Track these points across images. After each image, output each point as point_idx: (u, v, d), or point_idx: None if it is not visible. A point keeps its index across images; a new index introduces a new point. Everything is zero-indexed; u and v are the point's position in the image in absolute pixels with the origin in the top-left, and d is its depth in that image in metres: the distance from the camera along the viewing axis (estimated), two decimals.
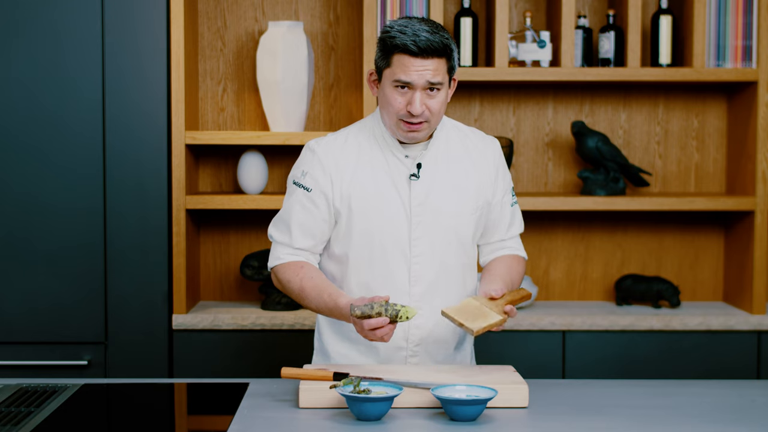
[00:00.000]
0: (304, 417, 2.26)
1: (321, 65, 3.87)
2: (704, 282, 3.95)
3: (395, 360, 2.58)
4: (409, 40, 2.39)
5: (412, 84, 2.41)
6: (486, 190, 2.59)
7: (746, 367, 3.59)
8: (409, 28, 2.41)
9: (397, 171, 2.53)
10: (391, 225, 2.51)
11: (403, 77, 2.41)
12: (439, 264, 2.55)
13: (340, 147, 2.56)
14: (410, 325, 2.55)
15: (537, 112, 3.91)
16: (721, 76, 3.61)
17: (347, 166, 2.53)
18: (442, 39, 2.41)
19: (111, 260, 3.50)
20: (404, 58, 2.41)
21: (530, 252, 3.91)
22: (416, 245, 2.53)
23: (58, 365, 3.48)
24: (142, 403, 2.50)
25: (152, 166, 3.50)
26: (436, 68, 2.41)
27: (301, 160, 2.59)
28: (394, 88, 2.44)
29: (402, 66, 2.41)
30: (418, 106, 2.42)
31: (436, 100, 2.44)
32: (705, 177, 3.93)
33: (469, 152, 2.60)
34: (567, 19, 3.60)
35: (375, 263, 2.53)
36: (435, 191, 2.53)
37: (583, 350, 3.58)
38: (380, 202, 2.52)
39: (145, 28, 3.47)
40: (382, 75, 2.47)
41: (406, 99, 2.43)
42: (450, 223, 2.54)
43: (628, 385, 2.61)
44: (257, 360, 3.54)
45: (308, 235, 2.56)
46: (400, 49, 2.40)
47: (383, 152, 2.54)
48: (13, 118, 3.47)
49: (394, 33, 2.41)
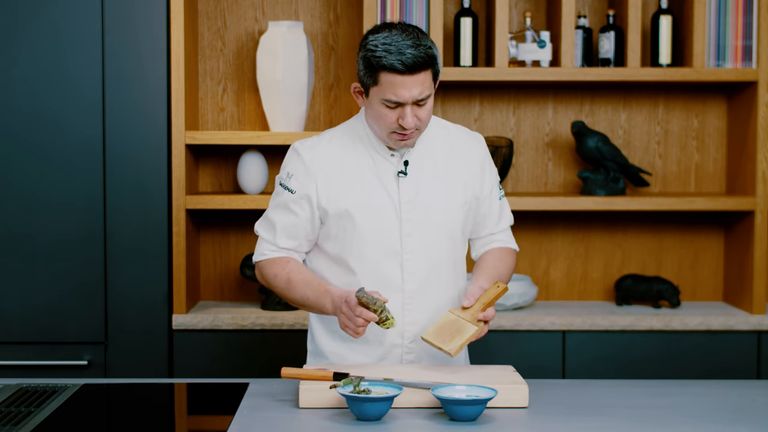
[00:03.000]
0: (304, 417, 2.26)
1: (321, 65, 3.87)
2: (704, 282, 3.95)
3: (391, 357, 2.59)
4: (396, 60, 2.38)
5: (403, 102, 2.42)
6: (473, 185, 2.62)
7: (746, 367, 3.59)
8: (393, 46, 2.39)
9: (384, 169, 2.55)
10: (381, 223, 2.53)
11: (393, 98, 2.41)
12: (430, 260, 2.56)
13: (324, 148, 2.57)
14: (405, 322, 2.56)
15: (537, 112, 3.91)
16: (721, 76, 3.61)
17: (332, 167, 2.55)
18: (426, 51, 2.40)
19: (111, 260, 3.50)
20: (392, 77, 2.40)
21: (530, 252, 3.91)
22: (408, 242, 2.54)
23: (58, 365, 3.48)
24: (142, 403, 2.50)
25: (152, 165, 3.50)
26: (424, 81, 2.42)
27: (287, 161, 2.60)
28: (383, 106, 2.44)
29: (391, 85, 2.40)
30: (410, 120, 2.43)
31: (425, 110, 2.45)
32: (705, 177, 3.93)
33: (455, 148, 2.62)
34: (567, 19, 3.60)
35: (368, 261, 2.54)
36: (424, 187, 2.55)
37: (583, 350, 3.58)
38: (369, 200, 2.53)
39: (145, 28, 3.47)
40: (369, 91, 2.46)
41: (397, 114, 2.44)
42: (440, 218, 2.56)
43: (628, 385, 2.61)
44: (257, 360, 3.54)
45: (292, 236, 2.59)
46: (387, 68, 2.39)
47: (369, 152, 2.56)
48: (14, 117, 3.47)
49: (379, 53, 2.39)
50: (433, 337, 2.44)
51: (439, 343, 2.42)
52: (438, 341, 2.42)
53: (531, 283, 3.72)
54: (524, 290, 3.66)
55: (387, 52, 2.39)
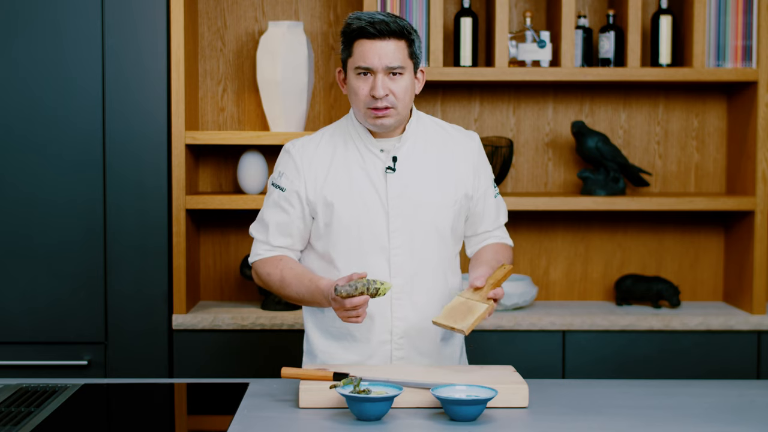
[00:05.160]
0: (304, 417, 2.26)
1: (321, 65, 3.87)
2: (704, 282, 3.95)
3: (380, 354, 2.59)
4: (365, 23, 2.47)
5: (373, 68, 2.47)
6: (465, 183, 2.63)
7: (746, 367, 3.59)
8: (365, 14, 2.49)
9: (372, 165, 2.57)
10: (368, 218, 2.55)
11: (363, 63, 2.47)
12: (419, 256, 2.58)
13: (314, 147, 2.62)
14: (393, 317, 2.57)
15: (537, 112, 3.91)
16: (721, 76, 3.61)
17: (322, 165, 2.58)
18: (399, 22, 2.49)
19: (111, 260, 3.50)
20: (363, 43, 2.47)
21: (530, 252, 3.91)
22: (395, 237, 2.55)
23: (58, 365, 3.48)
24: (142, 403, 2.50)
25: (152, 165, 3.50)
26: (395, 50, 2.47)
27: (279, 161, 2.66)
28: (357, 77, 2.50)
29: (361, 52, 2.48)
30: (380, 88, 2.47)
31: (398, 85, 2.49)
32: (705, 177, 3.93)
33: (448, 146, 2.64)
34: (567, 19, 3.60)
35: (355, 257, 2.56)
36: (412, 183, 2.57)
37: (583, 350, 3.58)
38: (356, 196, 2.55)
39: (145, 28, 3.47)
40: (347, 66, 2.54)
41: (369, 85, 2.49)
42: (428, 214, 2.57)
43: (628, 385, 2.61)
44: (257, 360, 3.54)
45: (285, 234, 2.61)
46: (358, 33, 2.48)
47: (358, 148, 2.59)
48: (14, 117, 3.47)
49: (351, 20, 2.50)
50: (444, 319, 2.43)
51: (451, 324, 2.41)
52: (450, 322, 2.41)
53: (531, 283, 3.72)
54: (524, 290, 3.66)
55: (358, 19, 2.49)
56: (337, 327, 2.62)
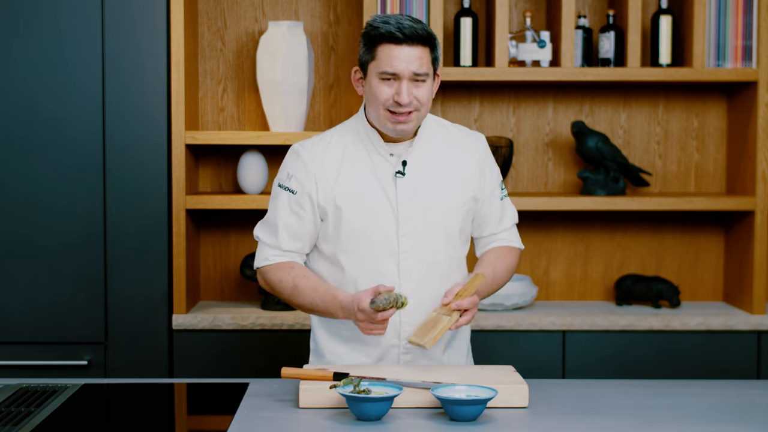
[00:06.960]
0: (304, 417, 2.26)
1: (321, 65, 3.87)
2: (704, 282, 3.95)
3: (389, 357, 2.59)
4: (394, 28, 2.42)
5: (399, 74, 2.43)
6: (472, 185, 2.61)
7: (746, 367, 3.59)
8: (392, 19, 2.45)
9: (382, 169, 2.55)
10: (378, 222, 2.53)
11: (389, 68, 2.43)
12: (427, 259, 2.56)
13: (324, 148, 2.58)
14: (401, 322, 2.56)
15: (537, 112, 3.91)
16: (721, 76, 3.61)
17: (332, 167, 2.55)
18: (425, 28, 2.45)
19: (111, 260, 3.50)
20: (390, 48, 2.43)
21: (530, 252, 3.91)
22: (404, 241, 2.54)
23: (58, 365, 3.48)
24: (142, 403, 2.50)
25: (152, 166, 3.50)
26: (421, 57, 2.44)
27: (286, 162, 2.61)
28: (380, 81, 2.46)
29: (387, 57, 2.43)
30: (405, 95, 2.43)
31: (422, 90, 2.46)
32: (705, 177, 3.93)
33: (454, 148, 2.62)
34: (567, 19, 3.60)
35: (364, 261, 2.54)
36: (421, 188, 2.55)
37: (583, 350, 3.58)
38: (366, 200, 2.53)
39: (145, 28, 3.47)
40: (368, 70, 2.49)
41: (393, 89, 2.45)
42: (437, 218, 2.56)
43: (628, 385, 2.61)
44: (257, 360, 3.54)
45: (295, 238, 2.58)
46: (386, 38, 2.43)
47: (368, 151, 2.56)
48: (14, 118, 3.47)
49: (377, 24, 2.45)
50: (414, 336, 2.46)
51: (417, 340, 2.43)
52: (417, 339, 2.44)
53: (531, 283, 3.72)
54: (524, 290, 3.66)
55: (385, 23, 2.44)
56: (347, 330, 2.60)
